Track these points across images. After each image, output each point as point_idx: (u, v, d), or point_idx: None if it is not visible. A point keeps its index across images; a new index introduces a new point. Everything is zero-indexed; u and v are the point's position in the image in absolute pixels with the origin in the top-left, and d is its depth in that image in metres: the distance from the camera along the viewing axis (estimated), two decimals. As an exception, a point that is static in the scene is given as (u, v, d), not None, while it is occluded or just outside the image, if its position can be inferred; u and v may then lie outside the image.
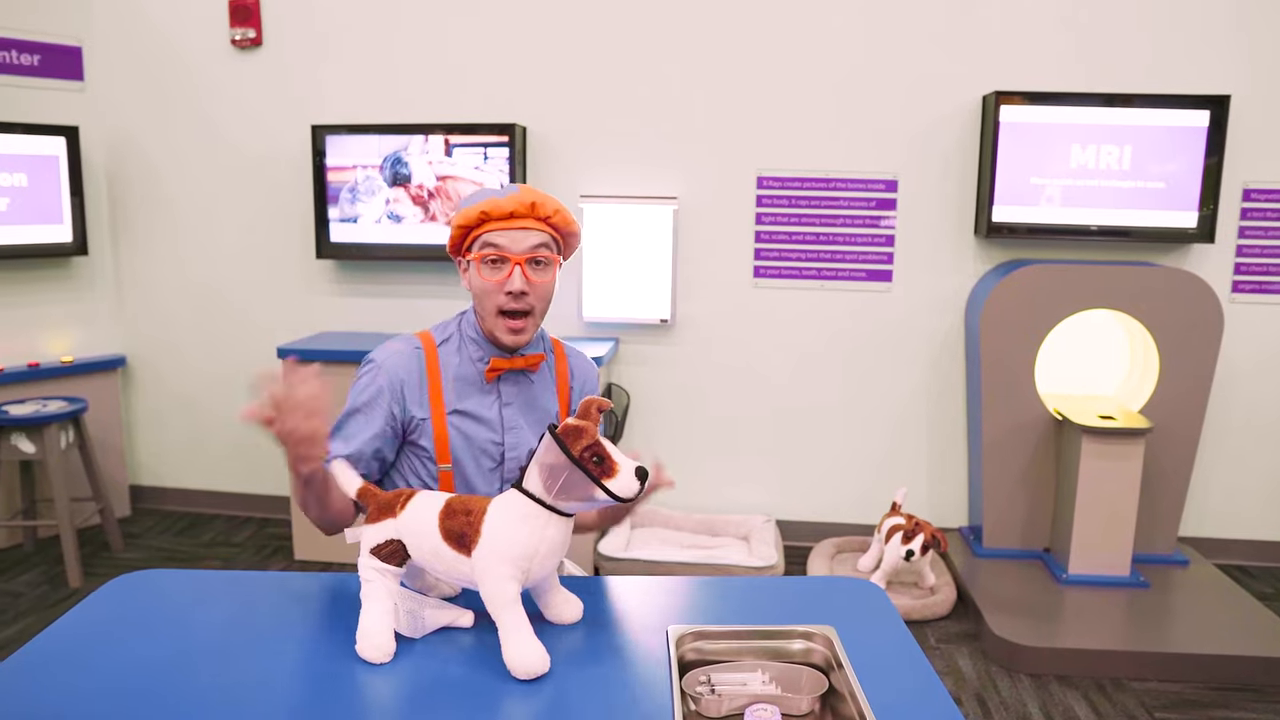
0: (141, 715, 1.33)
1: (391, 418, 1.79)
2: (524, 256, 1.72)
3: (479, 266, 1.74)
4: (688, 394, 4.33)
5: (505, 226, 1.72)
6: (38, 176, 4.22)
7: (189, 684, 1.41)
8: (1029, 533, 3.98)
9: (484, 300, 1.76)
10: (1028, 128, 3.86)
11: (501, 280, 1.73)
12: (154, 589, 1.79)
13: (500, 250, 1.72)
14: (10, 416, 3.85)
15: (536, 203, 1.73)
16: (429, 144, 4.13)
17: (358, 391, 1.81)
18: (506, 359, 1.81)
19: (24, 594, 3.83)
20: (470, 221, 1.73)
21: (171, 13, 4.39)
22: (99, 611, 1.69)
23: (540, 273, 1.75)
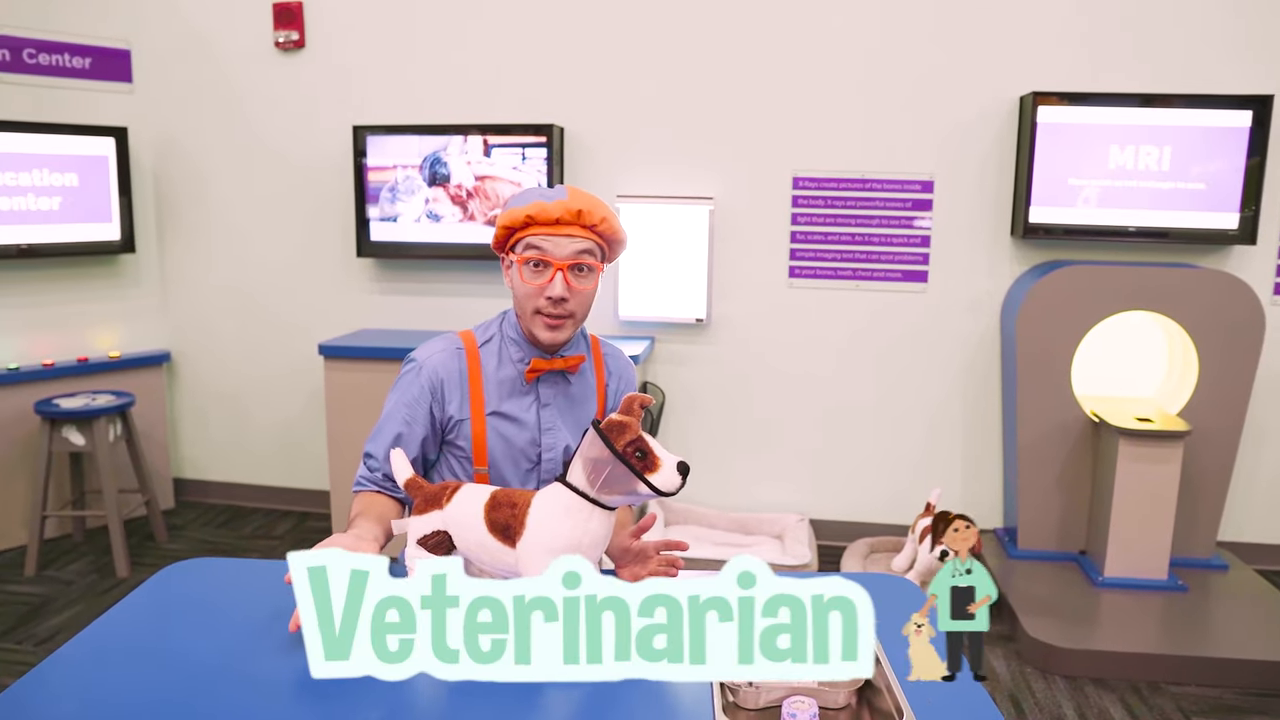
0: (192, 700, 1.38)
1: (431, 417, 1.81)
2: (566, 262, 1.72)
3: (521, 268, 1.74)
4: (723, 393, 4.35)
5: (550, 232, 1.71)
6: (88, 176, 4.33)
7: (237, 670, 1.46)
8: (1064, 535, 3.96)
9: (524, 302, 1.77)
10: (1066, 128, 3.85)
11: (543, 285, 1.73)
12: (202, 578, 1.85)
13: (543, 254, 1.72)
14: (61, 409, 3.95)
15: (584, 210, 1.71)
16: (468, 144, 4.18)
17: (400, 391, 1.83)
18: (546, 360, 1.82)
19: (74, 582, 3.93)
20: (515, 223, 1.73)
21: (216, 16, 4.48)
22: (150, 599, 1.74)
23: (582, 279, 1.75)
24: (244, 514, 4.76)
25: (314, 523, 4.63)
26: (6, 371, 4.18)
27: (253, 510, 4.81)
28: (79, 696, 1.40)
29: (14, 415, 4.18)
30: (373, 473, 1.83)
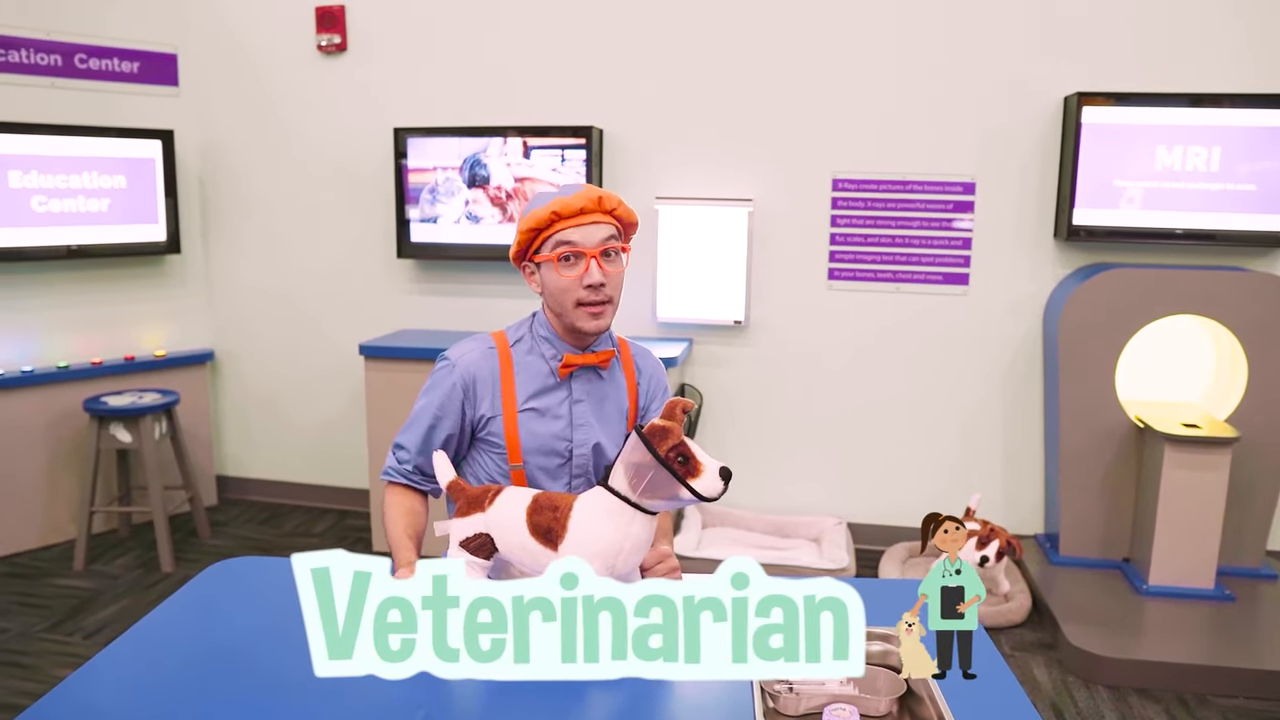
0: (239, 695, 1.40)
1: (462, 415, 1.85)
2: (597, 250, 1.77)
3: (556, 266, 1.78)
4: (761, 395, 4.34)
5: (576, 224, 1.76)
6: (135, 178, 4.41)
7: (281, 666, 1.48)
8: (1107, 541, 3.90)
9: (562, 297, 1.80)
10: (1111, 129, 3.79)
11: (579, 275, 1.77)
12: (247, 575, 1.88)
13: (575, 246, 1.76)
14: (109, 407, 4.03)
15: (602, 197, 1.78)
16: (507, 146, 4.20)
17: (431, 389, 1.87)
18: (579, 355, 1.85)
19: (121, 576, 4.01)
20: (541, 223, 1.77)
21: (260, 20, 4.55)
22: (196, 596, 1.77)
23: (612, 264, 1.80)
24: (285, 511, 4.82)
25: (353, 521, 4.68)
26: (57, 370, 4.27)
27: (293, 508, 4.87)
28: (131, 689, 1.43)
29: (64, 412, 4.27)
30: (401, 465, 1.89)
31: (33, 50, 4.16)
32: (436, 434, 1.85)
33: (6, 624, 3.56)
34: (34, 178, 4.13)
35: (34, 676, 3.18)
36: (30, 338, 4.30)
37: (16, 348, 4.25)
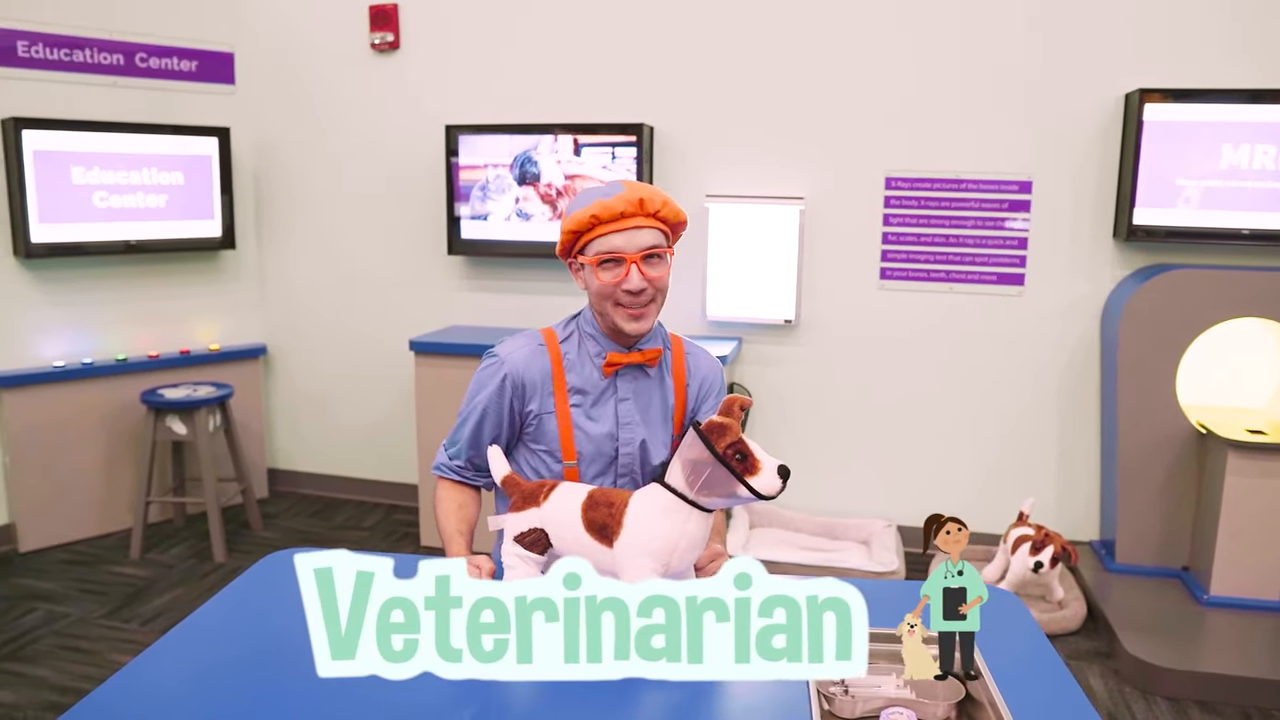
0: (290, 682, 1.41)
1: (511, 411, 1.84)
2: (638, 255, 1.74)
3: (596, 270, 1.75)
4: (810, 395, 4.30)
5: (617, 228, 1.73)
6: (193, 175, 4.49)
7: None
8: (1166, 549, 3.81)
9: (603, 299, 1.79)
10: (1173, 126, 3.70)
11: (619, 280, 1.74)
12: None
13: (616, 252, 1.73)
14: (165, 400, 4.10)
15: (645, 199, 1.73)
16: (558, 143, 4.21)
17: (480, 384, 1.86)
18: (624, 354, 1.83)
19: (175, 566, 4.08)
20: (581, 226, 1.75)
21: (315, 19, 4.60)
22: (252, 586, 1.79)
23: (655, 267, 1.76)
24: (335, 505, 4.88)
25: (401, 515, 4.72)
26: (115, 362, 4.35)
27: (343, 501, 4.92)
28: (189, 676, 1.45)
29: (122, 404, 4.35)
30: (452, 460, 1.91)
31: (96, 50, 4.25)
32: (485, 429, 1.85)
33: (67, 609, 3.64)
34: (96, 174, 4.22)
35: (93, 661, 3.24)
36: (90, 331, 4.39)
37: (77, 341, 4.35)
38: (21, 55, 4.05)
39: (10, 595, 3.76)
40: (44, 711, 2.92)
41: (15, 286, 4.16)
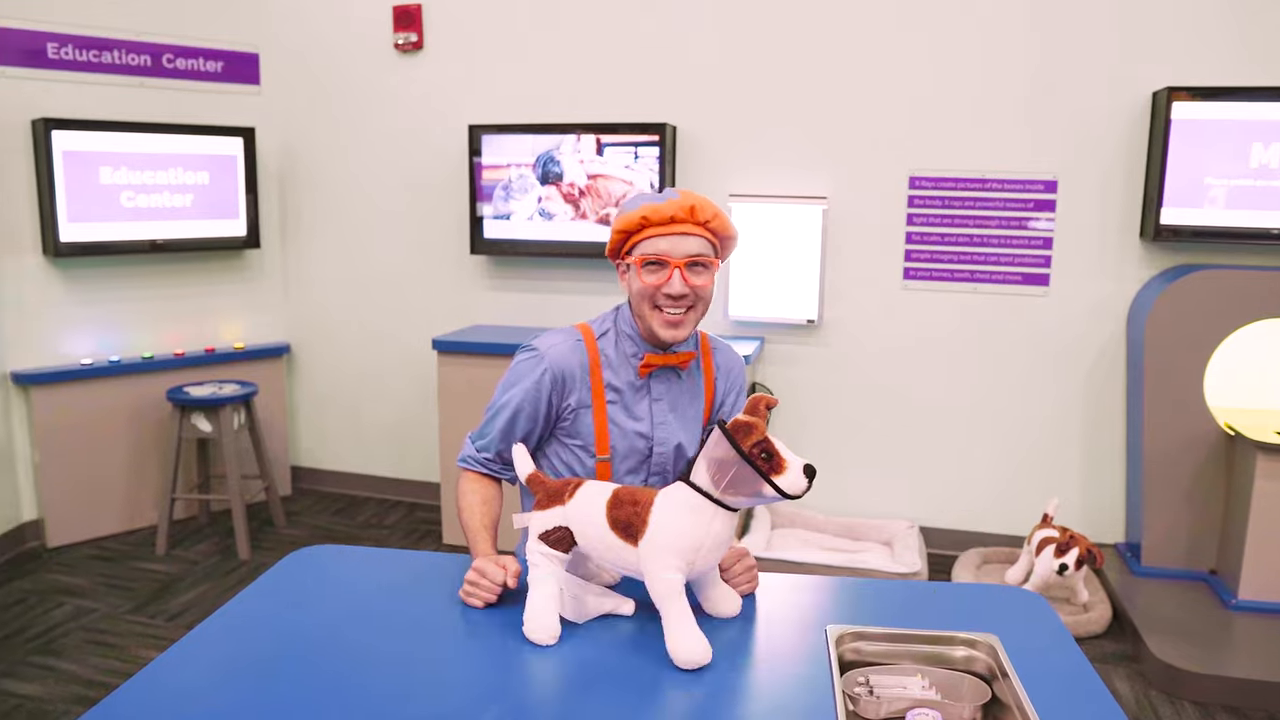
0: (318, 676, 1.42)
1: (549, 406, 1.83)
2: (683, 260, 1.75)
3: (639, 271, 1.77)
4: (833, 395, 4.28)
5: (665, 232, 1.75)
6: (218, 175, 4.52)
7: (363, 653, 1.50)
8: (1193, 552, 3.76)
9: (643, 301, 1.79)
10: (1202, 125, 3.66)
11: (661, 283, 1.75)
12: (328, 564, 1.90)
13: (661, 255, 1.75)
14: (191, 398, 4.14)
15: (695, 206, 1.75)
16: (580, 143, 4.22)
17: (517, 378, 1.84)
18: (660, 355, 1.84)
19: (200, 562, 4.11)
20: (631, 226, 1.77)
21: (340, 20, 4.63)
22: (280, 581, 1.80)
23: (698, 275, 1.77)
24: (357, 503, 4.90)
25: (423, 513, 4.74)
26: (141, 360, 4.40)
27: (365, 499, 4.95)
28: (217, 670, 1.46)
29: (148, 402, 4.40)
30: (481, 453, 1.89)
31: (124, 51, 4.30)
32: (519, 421, 1.83)
33: (94, 604, 3.67)
34: (124, 174, 4.26)
35: (120, 656, 3.28)
36: (117, 329, 4.43)
37: (104, 339, 4.39)
38: (51, 57, 4.10)
39: (39, 590, 3.80)
40: (72, 704, 2.96)
41: (44, 285, 4.20)
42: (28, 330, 4.17)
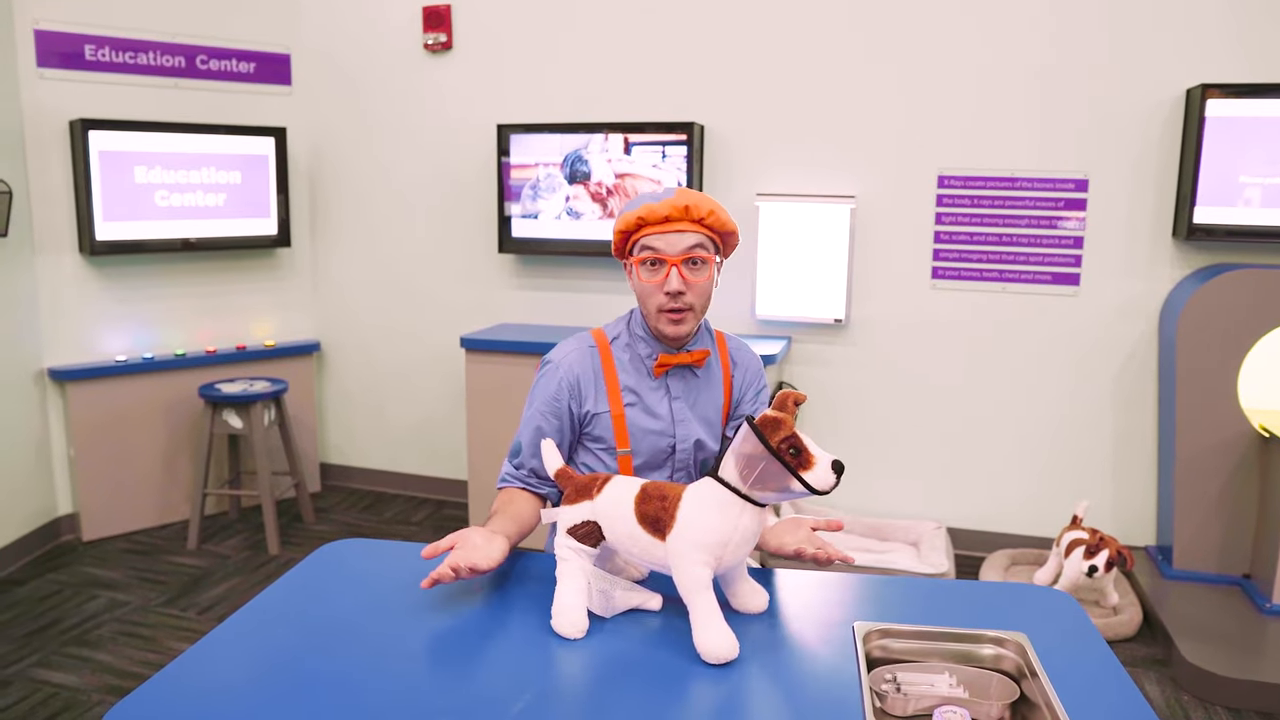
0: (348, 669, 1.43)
1: (570, 414, 1.88)
2: (680, 258, 1.78)
3: (638, 269, 1.82)
4: (860, 395, 4.27)
5: (661, 230, 1.78)
6: (250, 174, 4.58)
7: (392, 645, 1.51)
8: (1226, 556, 3.72)
9: (645, 300, 1.84)
10: (1237, 122, 3.61)
11: (659, 281, 1.79)
12: (357, 558, 1.92)
13: (657, 253, 1.79)
14: (223, 394, 4.19)
15: (690, 205, 1.78)
16: (608, 142, 4.23)
17: (539, 391, 1.90)
18: (674, 355, 1.88)
19: (230, 557, 4.16)
20: (629, 227, 1.81)
21: (370, 20, 4.67)
22: (310, 574, 1.82)
23: (696, 272, 1.80)
24: (385, 499, 4.94)
25: (450, 510, 4.77)
26: (174, 357, 4.46)
27: (393, 496, 4.99)
28: (249, 662, 1.48)
29: (181, 398, 4.46)
30: (518, 470, 1.92)
31: (158, 52, 4.36)
32: (545, 434, 1.87)
33: (127, 597, 3.73)
34: (158, 173, 4.32)
35: (153, 648, 3.33)
36: (150, 326, 4.50)
37: (138, 336, 4.45)
38: (89, 59, 4.17)
39: (74, 583, 3.86)
40: (106, 694, 3.00)
41: (80, 283, 4.27)
42: (64, 327, 4.24)
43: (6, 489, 3.99)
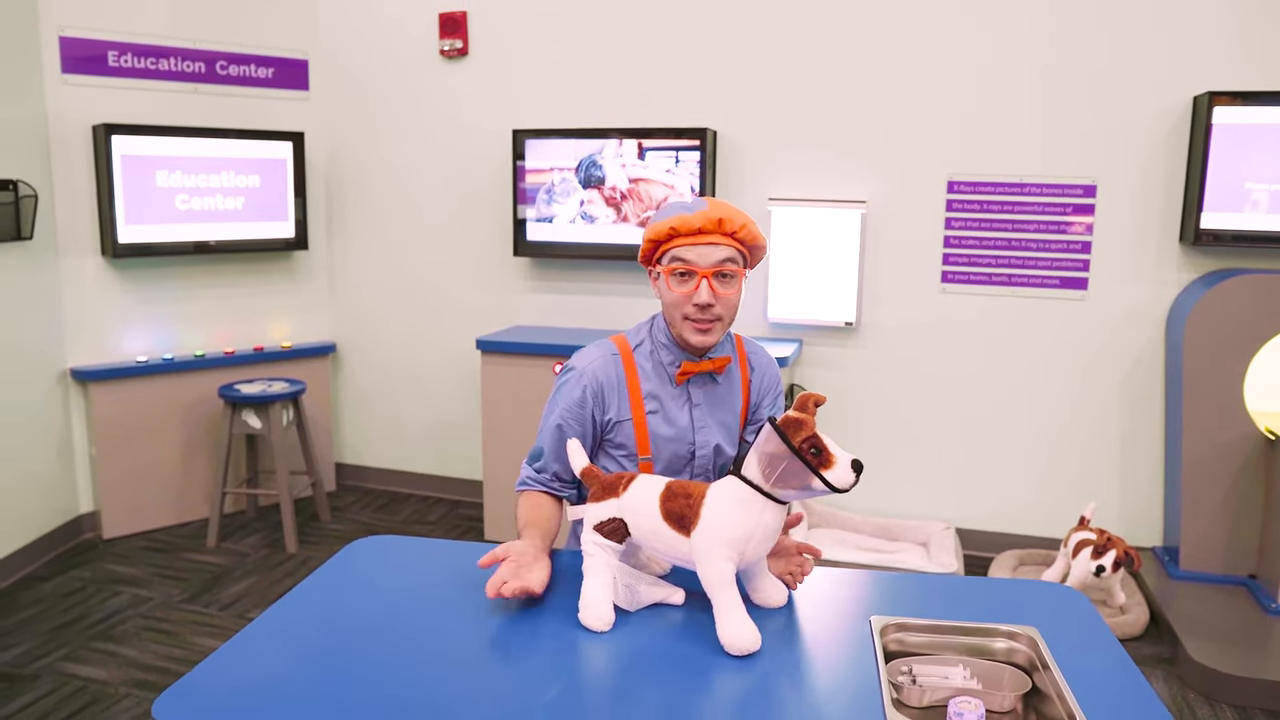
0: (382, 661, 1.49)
1: (592, 421, 1.90)
2: (710, 270, 1.80)
3: (668, 279, 1.83)
4: (870, 397, 4.32)
5: (693, 242, 1.79)
6: (268, 178, 4.64)
7: (427, 636, 1.56)
8: (1232, 557, 3.76)
9: (673, 310, 1.85)
10: (1244, 129, 3.66)
11: (689, 293, 1.81)
12: (388, 553, 1.98)
13: (688, 265, 1.80)
14: (242, 394, 4.26)
15: (724, 219, 1.79)
16: (623, 147, 4.29)
17: (560, 397, 1.91)
18: (695, 362, 1.90)
19: (250, 555, 4.23)
20: (660, 236, 1.82)
21: (386, 27, 4.74)
22: (340, 571, 1.87)
23: (726, 285, 1.82)
24: (400, 499, 5.01)
25: (465, 510, 4.83)
26: (193, 358, 4.53)
27: (408, 496, 5.05)
28: (295, 647, 1.54)
29: (199, 398, 4.53)
30: (540, 474, 1.92)
31: (179, 58, 4.43)
32: (567, 438, 1.86)
33: (149, 593, 3.80)
34: (178, 177, 4.39)
35: (177, 643, 3.39)
36: (170, 328, 4.57)
37: (159, 337, 4.52)
38: (112, 65, 4.24)
39: (97, 579, 3.93)
40: (133, 688, 3.07)
41: (103, 285, 4.35)
42: (87, 328, 4.32)
43: (30, 487, 4.07)
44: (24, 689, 3.07)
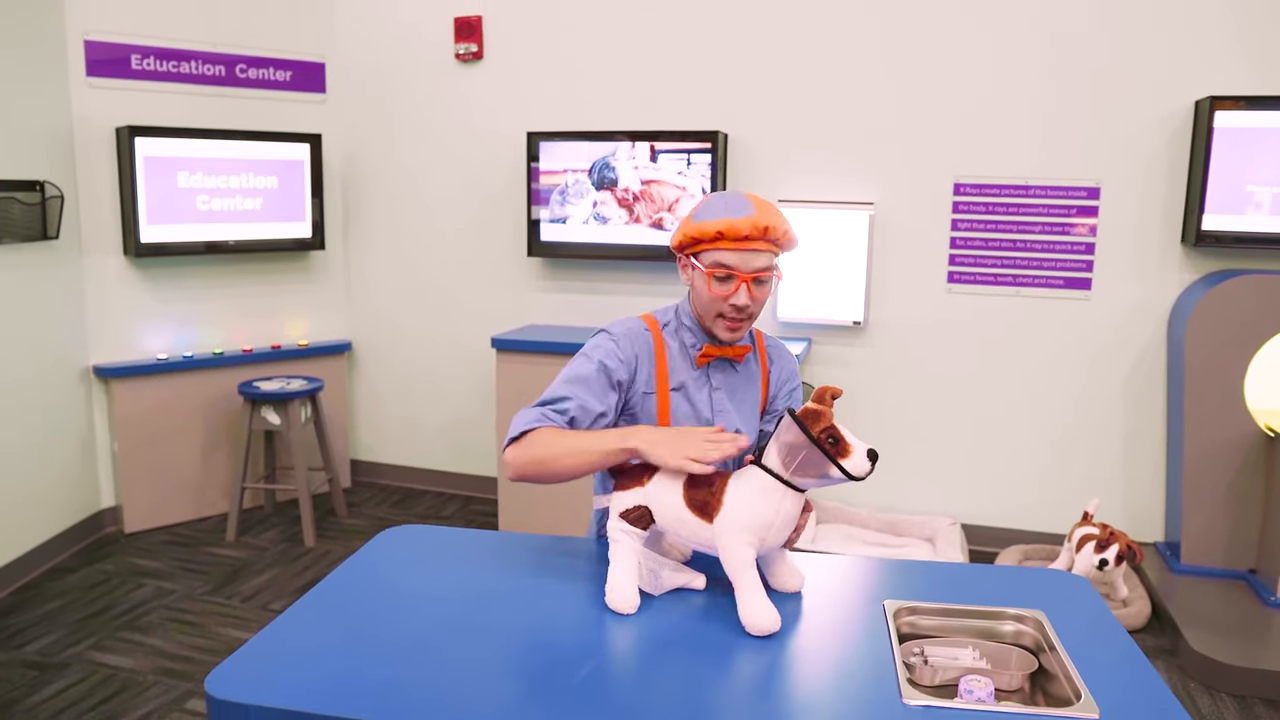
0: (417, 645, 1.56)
1: (626, 378, 1.90)
2: (750, 276, 1.84)
3: (708, 280, 1.86)
4: (878, 395, 4.40)
5: (738, 247, 1.83)
6: (286, 179, 4.73)
7: (461, 619, 1.64)
8: (1232, 552, 3.84)
9: (707, 306, 1.90)
10: (1245, 133, 3.74)
11: (727, 294, 1.85)
12: (418, 542, 2.05)
13: (731, 269, 1.84)
14: (261, 392, 4.34)
15: (770, 227, 1.82)
16: (635, 150, 4.37)
17: (595, 347, 1.91)
18: (717, 347, 1.96)
19: (268, 549, 4.31)
20: (704, 237, 1.84)
21: (402, 30, 4.82)
22: (373, 558, 1.94)
23: (763, 288, 1.88)
24: (414, 495, 5.09)
25: (479, 506, 4.91)
26: (212, 356, 4.61)
27: (422, 492, 5.13)
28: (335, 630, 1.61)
29: (219, 395, 4.61)
30: (563, 414, 1.84)
31: (200, 62, 4.52)
32: (595, 385, 1.85)
33: (173, 586, 3.88)
34: (199, 178, 4.48)
35: (201, 633, 3.48)
36: (190, 326, 4.65)
37: (179, 335, 4.61)
38: (135, 68, 4.33)
39: (120, 572, 4.02)
40: (161, 676, 3.15)
41: (125, 284, 4.43)
42: (109, 326, 4.40)
43: (55, 482, 4.15)
44: (55, 676, 3.16)
